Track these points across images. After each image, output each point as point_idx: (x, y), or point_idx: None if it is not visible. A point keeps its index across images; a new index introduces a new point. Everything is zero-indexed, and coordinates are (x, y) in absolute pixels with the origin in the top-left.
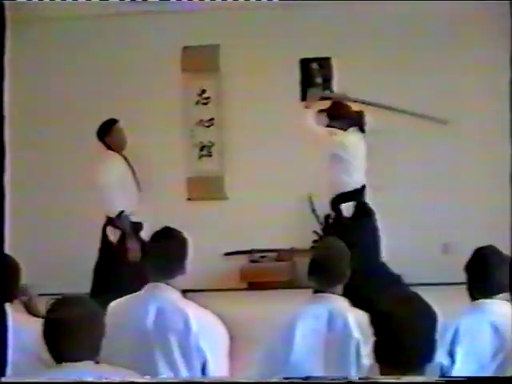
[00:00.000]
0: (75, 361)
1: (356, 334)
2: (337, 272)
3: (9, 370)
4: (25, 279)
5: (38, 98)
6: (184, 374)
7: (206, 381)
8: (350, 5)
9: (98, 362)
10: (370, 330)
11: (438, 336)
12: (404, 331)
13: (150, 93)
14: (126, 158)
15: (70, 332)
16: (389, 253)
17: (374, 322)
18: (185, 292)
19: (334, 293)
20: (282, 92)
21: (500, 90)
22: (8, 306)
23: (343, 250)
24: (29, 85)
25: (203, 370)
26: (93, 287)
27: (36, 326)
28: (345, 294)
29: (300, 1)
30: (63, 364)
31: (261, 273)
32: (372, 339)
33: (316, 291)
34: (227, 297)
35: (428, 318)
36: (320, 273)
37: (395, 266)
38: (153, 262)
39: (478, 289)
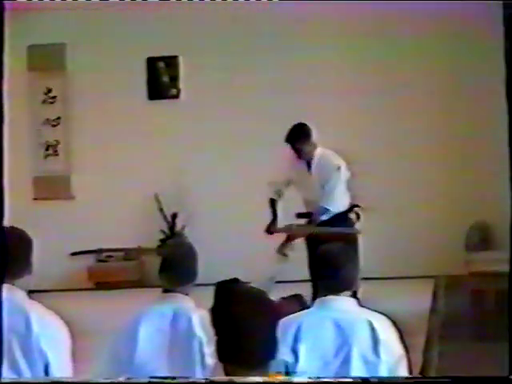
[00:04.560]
0: None
1: (199, 333)
2: (186, 271)
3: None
4: None
5: None
6: (27, 375)
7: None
8: (196, 5)
9: None
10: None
11: (280, 333)
12: (244, 329)
13: None
14: None
15: None
16: None
17: (215, 321)
18: (31, 292)
19: (182, 292)
20: (128, 91)
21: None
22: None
23: (192, 250)
24: None
25: (46, 371)
26: None
27: None
28: None
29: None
30: None
31: (108, 272)
32: (215, 338)
33: (165, 290)
34: (75, 297)
35: (269, 314)
36: (170, 272)
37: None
38: None
39: (322, 286)
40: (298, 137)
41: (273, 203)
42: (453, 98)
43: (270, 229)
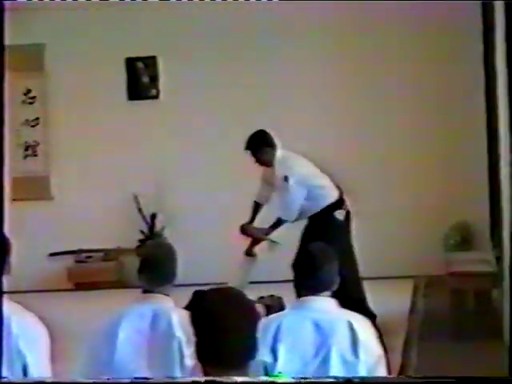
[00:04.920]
0: None
1: (179, 333)
2: (166, 272)
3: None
4: None
5: None
6: (4, 375)
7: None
8: (175, 5)
9: None
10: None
11: (260, 333)
12: (224, 330)
13: None
14: None
15: None
16: None
17: (195, 321)
18: (10, 293)
19: (162, 293)
20: (108, 91)
21: None
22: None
23: (172, 250)
24: None
25: (24, 371)
26: None
27: None
28: None
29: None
30: None
31: (88, 273)
32: (194, 339)
33: (145, 291)
34: (54, 297)
35: (249, 315)
36: (149, 272)
37: None
38: None
39: (303, 286)
40: (257, 145)
41: (256, 206)
42: (434, 101)
43: (244, 229)
